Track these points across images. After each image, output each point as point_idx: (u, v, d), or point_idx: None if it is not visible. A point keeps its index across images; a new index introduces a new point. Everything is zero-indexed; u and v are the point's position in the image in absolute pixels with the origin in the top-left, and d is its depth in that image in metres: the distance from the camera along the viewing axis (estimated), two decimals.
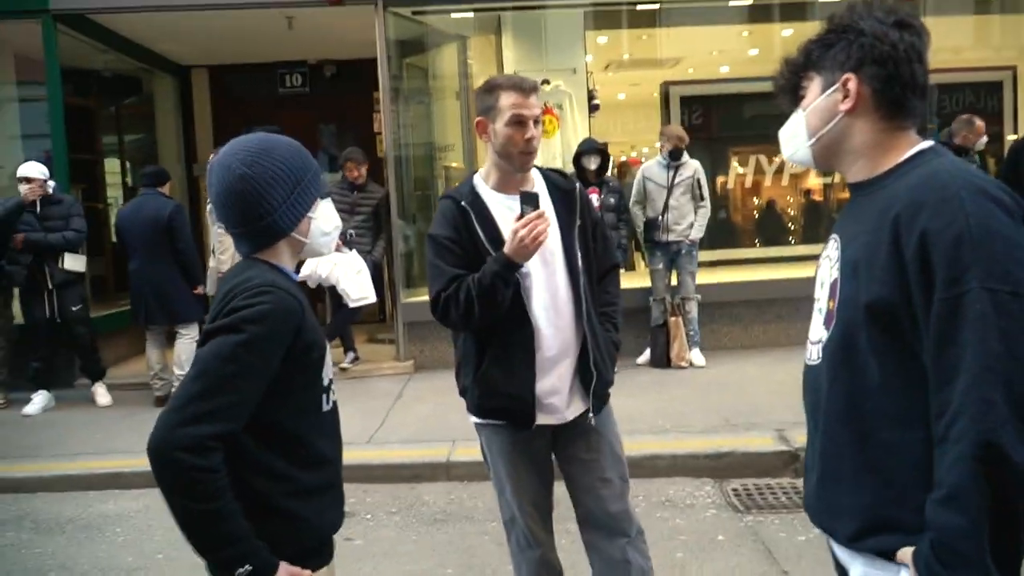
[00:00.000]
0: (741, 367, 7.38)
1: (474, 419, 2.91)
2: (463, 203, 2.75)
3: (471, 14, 8.66)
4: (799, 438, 5.23)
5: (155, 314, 6.96)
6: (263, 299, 1.80)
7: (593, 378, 2.79)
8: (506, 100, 2.69)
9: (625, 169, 11.27)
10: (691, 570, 4.03)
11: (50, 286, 6.90)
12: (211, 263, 7.26)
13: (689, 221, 7.46)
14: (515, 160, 2.72)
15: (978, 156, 7.73)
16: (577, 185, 2.90)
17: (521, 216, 2.57)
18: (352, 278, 7.27)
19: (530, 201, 2.59)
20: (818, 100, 1.70)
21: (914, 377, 1.53)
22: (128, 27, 8.74)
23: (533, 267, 2.72)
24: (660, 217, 7.47)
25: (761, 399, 6.26)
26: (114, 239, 8.83)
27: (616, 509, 2.89)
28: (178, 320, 7.02)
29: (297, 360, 1.86)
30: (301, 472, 1.89)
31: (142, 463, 5.86)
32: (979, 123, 7.55)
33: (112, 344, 7.96)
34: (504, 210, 2.73)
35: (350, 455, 2.16)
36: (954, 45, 10.26)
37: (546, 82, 8.26)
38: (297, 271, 1.93)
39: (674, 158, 7.47)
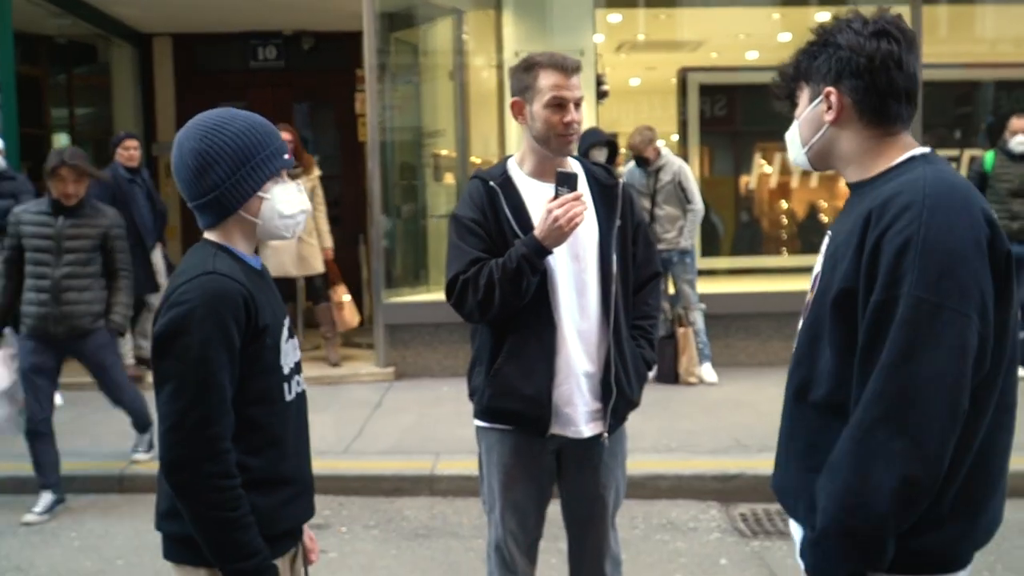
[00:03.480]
0: (758, 385, 7.49)
1: (478, 423, 3.06)
2: (492, 183, 2.92)
3: None
4: None
5: None
6: (196, 291, 2.05)
7: (613, 395, 2.95)
8: (545, 80, 2.83)
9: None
10: None
11: None
12: None
13: (679, 226, 7.65)
14: (552, 144, 2.87)
15: None
16: (620, 182, 3.05)
17: (556, 197, 2.73)
18: None
19: (566, 181, 2.74)
20: (807, 111, 2.01)
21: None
22: None
23: (560, 261, 2.86)
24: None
25: (777, 420, 6.45)
26: None
27: (606, 546, 3.17)
28: None
29: (251, 345, 2.11)
30: (253, 459, 2.12)
31: (96, 465, 6.05)
32: (1015, 121, 7.62)
33: None
34: (537, 197, 2.88)
35: (323, 465, 2.29)
36: (1016, 35, 10.32)
37: None
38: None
39: (640, 164, 7.71)
